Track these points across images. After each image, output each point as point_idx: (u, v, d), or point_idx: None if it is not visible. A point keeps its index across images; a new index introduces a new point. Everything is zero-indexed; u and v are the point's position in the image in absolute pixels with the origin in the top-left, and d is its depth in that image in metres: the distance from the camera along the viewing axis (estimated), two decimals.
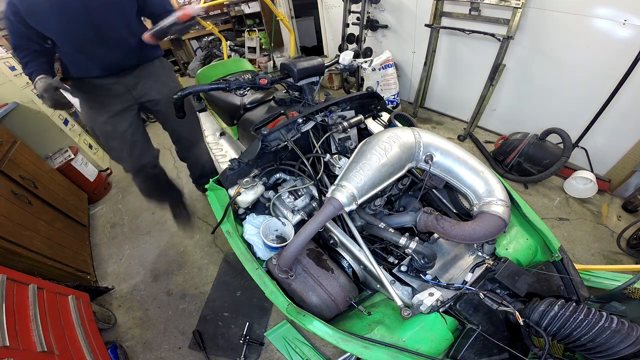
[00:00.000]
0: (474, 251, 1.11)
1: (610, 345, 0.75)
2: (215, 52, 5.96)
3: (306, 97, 1.41)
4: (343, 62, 1.45)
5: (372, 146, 1.03)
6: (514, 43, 2.47)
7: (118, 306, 1.98)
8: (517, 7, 2.27)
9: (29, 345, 1.21)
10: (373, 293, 1.19)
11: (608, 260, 1.95)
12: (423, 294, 0.90)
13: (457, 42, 2.97)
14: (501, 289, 0.97)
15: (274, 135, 1.19)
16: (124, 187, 3.06)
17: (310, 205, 1.27)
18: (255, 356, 1.64)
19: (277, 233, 1.26)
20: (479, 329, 0.89)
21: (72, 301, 1.61)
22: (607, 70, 2.12)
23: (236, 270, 2.06)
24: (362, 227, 1.14)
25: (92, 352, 1.45)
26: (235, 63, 2.51)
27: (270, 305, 1.85)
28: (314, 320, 0.91)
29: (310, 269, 1.07)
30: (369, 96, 1.45)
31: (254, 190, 1.18)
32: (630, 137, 2.20)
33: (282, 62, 1.35)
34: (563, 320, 0.81)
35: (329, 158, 1.21)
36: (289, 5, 4.94)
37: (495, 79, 2.62)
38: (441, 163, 1.08)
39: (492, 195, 1.00)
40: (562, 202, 2.37)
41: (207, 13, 6.13)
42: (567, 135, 2.27)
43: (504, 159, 2.63)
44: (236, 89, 1.27)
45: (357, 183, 0.96)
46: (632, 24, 1.92)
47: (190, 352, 1.70)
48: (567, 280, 1.06)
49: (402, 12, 3.30)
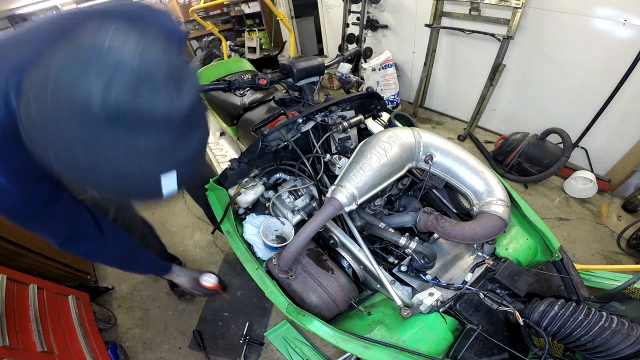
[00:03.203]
0: (474, 251, 1.11)
1: (610, 345, 0.75)
2: (215, 52, 5.95)
3: (306, 97, 1.41)
4: (342, 70, 1.47)
5: (372, 146, 1.03)
6: (514, 43, 2.47)
7: (118, 306, 1.98)
8: (517, 7, 2.26)
9: (29, 345, 1.21)
10: (373, 293, 1.19)
11: (608, 260, 1.94)
12: (423, 294, 0.90)
13: (457, 42, 2.97)
14: (501, 289, 0.97)
15: (274, 135, 1.19)
16: None
17: (310, 205, 1.27)
18: (255, 356, 1.64)
19: (277, 233, 1.26)
20: (479, 329, 0.89)
21: (72, 301, 1.61)
22: (607, 70, 2.11)
23: (236, 270, 2.06)
24: (362, 227, 1.14)
25: (92, 352, 1.45)
26: (235, 63, 2.51)
27: (270, 305, 1.84)
28: (314, 320, 0.91)
29: (310, 269, 1.07)
30: (369, 96, 1.45)
31: (254, 190, 1.18)
32: (630, 137, 2.20)
33: (282, 62, 1.35)
34: (563, 320, 0.81)
35: (329, 158, 1.21)
36: (289, 5, 4.93)
37: (495, 79, 2.62)
38: (441, 163, 1.08)
39: (492, 195, 1.00)
40: (562, 202, 2.37)
41: (207, 13, 6.14)
42: (567, 135, 2.27)
43: (504, 159, 2.63)
44: (236, 89, 1.27)
45: (357, 183, 0.96)
46: (632, 24, 1.92)
47: (190, 352, 1.70)
48: (567, 280, 1.06)
49: (402, 12, 3.30)
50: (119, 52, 0.42)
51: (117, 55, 0.42)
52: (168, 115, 0.45)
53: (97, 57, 0.41)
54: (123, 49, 0.42)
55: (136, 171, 0.48)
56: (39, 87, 0.43)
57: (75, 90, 0.40)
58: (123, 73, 0.41)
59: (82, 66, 0.41)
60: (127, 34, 0.45)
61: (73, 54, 0.43)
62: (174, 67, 0.47)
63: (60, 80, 0.41)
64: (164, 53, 0.47)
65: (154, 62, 0.44)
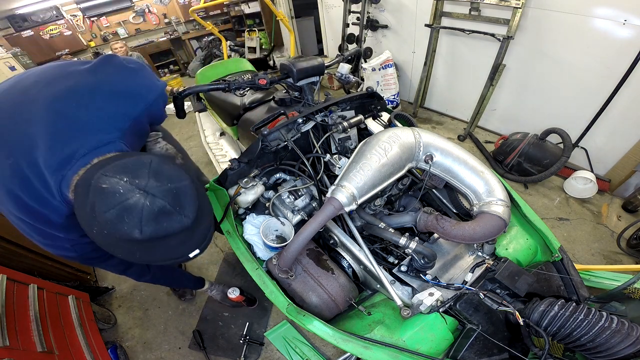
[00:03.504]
0: (474, 251, 1.11)
1: (610, 345, 0.75)
2: (215, 52, 5.97)
3: (306, 97, 1.41)
4: (341, 71, 1.47)
5: (372, 146, 1.03)
6: (514, 43, 2.47)
7: (118, 306, 1.98)
8: (517, 7, 2.26)
9: (29, 345, 1.21)
10: (373, 293, 1.19)
11: (608, 260, 1.94)
12: (423, 294, 0.90)
13: (457, 42, 2.97)
14: (501, 289, 0.97)
15: (274, 135, 1.19)
16: None
17: (310, 205, 1.27)
18: (255, 356, 1.64)
19: (277, 233, 1.26)
20: (479, 329, 0.89)
21: (72, 301, 1.61)
22: (607, 70, 2.11)
23: (236, 270, 2.06)
24: (362, 227, 1.14)
25: (92, 352, 1.45)
26: (235, 63, 2.51)
27: (270, 305, 1.84)
28: (314, 320, 0.91)
29: (310, 269, 1.07)
30: (369, 96, 1.45)
31: (254, 190, 1.18)
32: (630, 137, 2.20)
33: (282, 62, 1.35)
34: (563, 320, 0.81)
35: (329, 158, 1.21)
36: (289, 5, 4.93)
37: (495, 79, 2.62)
38: (441, 163, 1.08)
39: (492, 195, 1.00)
40: (562, 202, 2.37)
41: (207, 13, 6.14)
42: (567, 135, 2.27)
43: (504, 159, 2.63)
44: (236, 89, 1.27)
45: (357, 183, 0.96)
46: (632, 24, 1.92)
47: (190, 352, 1.70)
48: (567, 280, 1.06)
49: (402, 12, 3.30)
50: (139, 205, 0.64)
51: (139, 207, 0.64)
52: (182, 227, 0.69)
53: (128, 210, 0.63)
54: (140, 201, 0.64)
55: (172, 255, 0.76)
56: (100, 228, 0.66)
57: (123, 232, 0.64)
58: (145, 217, 0.64)
59: (123, 216, 0.63)
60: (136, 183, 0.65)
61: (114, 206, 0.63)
62: (175, 194, 0.69)
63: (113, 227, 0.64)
64: (165, 188, 0.67)
65: (161, 199, 0.66)
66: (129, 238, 0.64)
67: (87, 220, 0.67)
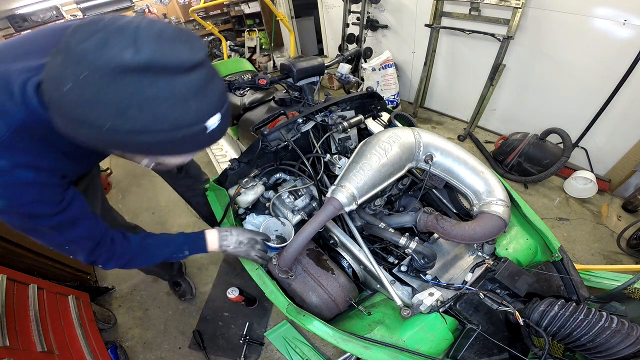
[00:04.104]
0: (474, 251, 1.11)
1: (610, 345, 0.76)
2: (215, 52, 5.96)
3: (306, 97, 1.41)
4: (341, 71, 1.47)
5: (372, 146, 1.03)
6: (514, 43, 2.47)
7: (118, 306, 1.98)
8: (517, 7, 2.26)
9: (29, 345, 1.21)
10: (373, 293, 1.19)
11: (608, 260, 1.94)
12: (423, 294, 0.90)
13: (457, 42, 2.97)
14: (501, 289, 0.97)
15: (274, 135, 1.19)
16: (124, 188, 3.06)
17: (310, 205, 1.27)
18: (255, 356, 1.64)
19: (277, 233, 1.26)
20: (479, 329, 0.89)
21: (72, 301, 1.61)
22: (607, 70, 2.11)
23: (236, 270, 2.06)
24: (362, 227, 1.14)
25: (92, 352, 1.45)
26: (235, 63, 2.51)
27: (270, 305, 1.84)
28: (314, 320, 0.91)
29: (310, 269, 1.07)
30: (369, 96, 1.45)
31: (254, 190, 1.18)
32: (630, 137, 2.20)
33: (282, 62, 1.35)
34: (563, 320, 0.81)
35: (329, 158, 1.21)
36: (289, 5, 4.93)
37: (495, 79, 2.61)
38: (441, 163, 1.08)
39: (492, 195, 1.00)
40: (562, 202, 2.37)
41: (207, 13, 6.14)
42: (567, 135, 2.27)
43: (504, 159, 2.63)
44: (236, 89, 1.27)
45: (357, 183, 0.96)
46: (632, 24, 1.92)
47: (190, 352, 1.70)
48: (567, 280, 1.06)
49: (402, 12, 3.30)
50: (134, 24, 0.49)
51: (132, 26, 0.48)
52: (190, 60, 0.51)
53: (117, 31, 0.48)
54: (134, 22, 0.49)
55: (184, 116, 0.53)
56: (74, 69, 0.47)
57: (110, 55, 0.46)
58: (143, 35, 0.48)
59: (109, 38, 0.47)
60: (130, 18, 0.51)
61: (95, 33, 0.47)
62: (180, 29, 0.54)
63: (94, 55, 0.46)
64: (165, 24, 0.53)
65: (162, 27, 0.51)
66: (120, 64, 0.45)
67: (56, 78, 0.49)
